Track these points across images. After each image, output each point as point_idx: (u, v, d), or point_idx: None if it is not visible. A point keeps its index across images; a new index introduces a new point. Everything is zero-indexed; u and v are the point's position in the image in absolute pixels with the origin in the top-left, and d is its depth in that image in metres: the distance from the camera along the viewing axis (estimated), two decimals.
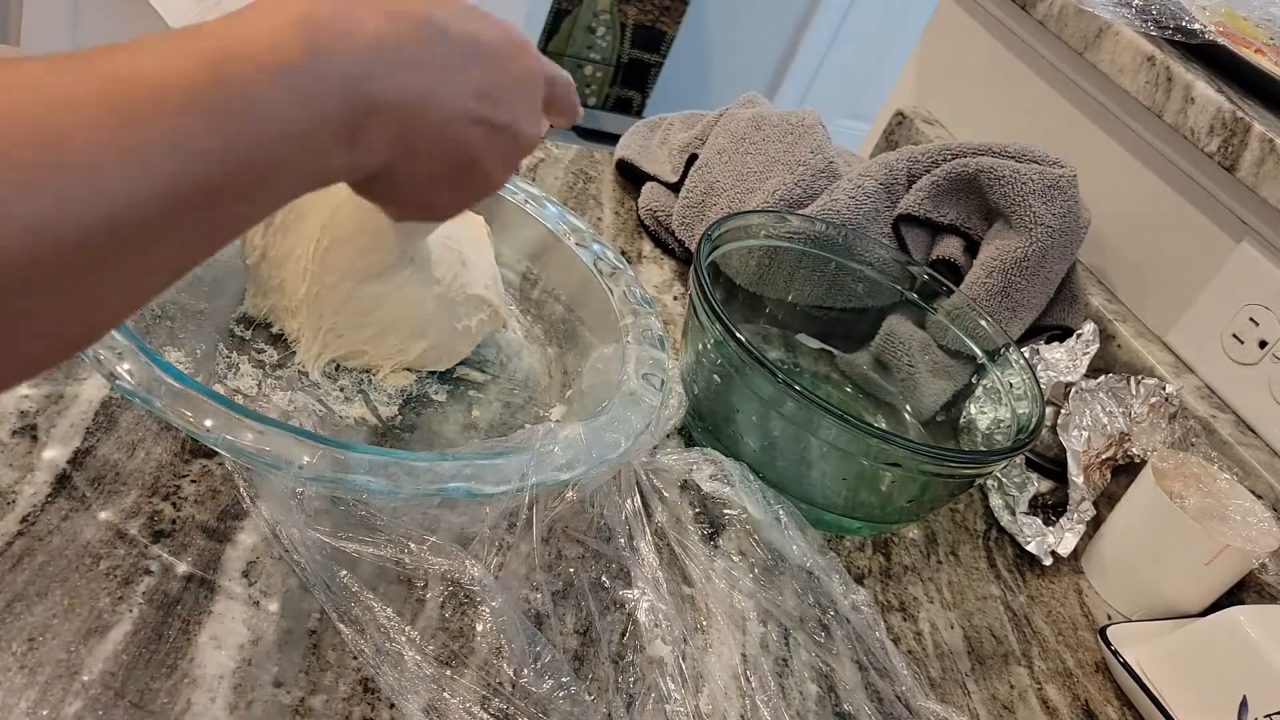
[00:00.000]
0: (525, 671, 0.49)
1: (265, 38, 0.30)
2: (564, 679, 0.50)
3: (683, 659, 0.54)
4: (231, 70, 0.29)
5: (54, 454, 0.51)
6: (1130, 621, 0.71)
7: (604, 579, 0.57)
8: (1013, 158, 0.85)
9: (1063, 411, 0.79)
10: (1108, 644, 0.66)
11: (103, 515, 0.49)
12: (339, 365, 0.62)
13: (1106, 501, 0.79)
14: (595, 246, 0.71)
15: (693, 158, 0.93)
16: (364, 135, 0.34)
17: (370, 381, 0.62)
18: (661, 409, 0.60)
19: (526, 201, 0.72)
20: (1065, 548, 0.75)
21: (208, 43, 0.30)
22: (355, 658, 0.48)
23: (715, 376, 0.66)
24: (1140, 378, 0.82)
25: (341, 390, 0.61)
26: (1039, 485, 0.78)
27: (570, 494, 0.56)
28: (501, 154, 0.41)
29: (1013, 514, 0.76)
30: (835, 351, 0.83)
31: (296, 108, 0.30)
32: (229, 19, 0.31)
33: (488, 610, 0.51)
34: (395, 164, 0.36)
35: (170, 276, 0.31)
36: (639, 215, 0.93)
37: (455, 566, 0.51)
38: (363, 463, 0.48)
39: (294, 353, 0.61)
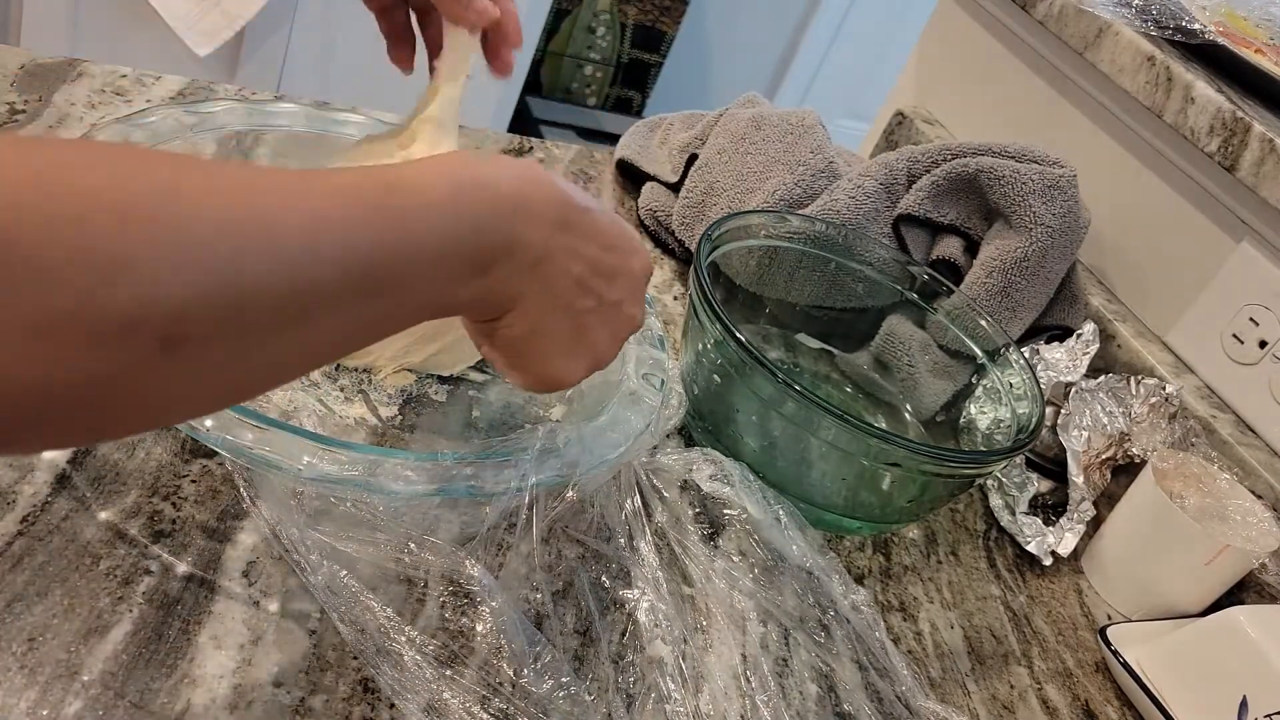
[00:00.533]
0: (525, 671, 0.49)
1: (423, 179, 0.37)
2: (564, 679, 0.50)
3: (683, 659, 0.54)
4: (393, 199, 0.35)
5: (54, 454, 0.51)
6: (1130, 621, 0.71)
7: (604, 579, 0.57)
8: (1013, 158, 0.85)
9: (1063, 411, 0.79)
10: (1108, 644, 0.66)
11: (103, 515, 0.49)
12: (339, 365, 0.62)
13: (1106, 501, 0.79)
14: None
15: (693, 158, 0.93)
16: (493, 271, 0.39)
17: (370, 381, 0.62)
18: (662, 409, 0.60)
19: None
20: (1065, 548, 0.75)
21: (382, 173, 0.36)
22: (355, 658, 0.48)
23: (715, 376, 0.66)
24: (1140, 378, 0.82)
25: (341, 390, 0.61)
26: (1039, 485, 0.78)
27: (570, 494, 0.56)
28: (611, 326, 0.46)
29: (1013, 514, 0.76)
30: (835, 351, 0.83)
31: (436, 233, 0.36)
32: (398, 166, 0.38)
33: (488, 610, 0.51)
34: (517, 310, 0.41)
35: (323, 355, 0.36)
36: (639, 215, 0.93)
37: (455, 566, 0.51)
38: (363, 463, 0.48)
39: None
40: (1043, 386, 0.73)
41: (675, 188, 0.92)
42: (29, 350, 0.26)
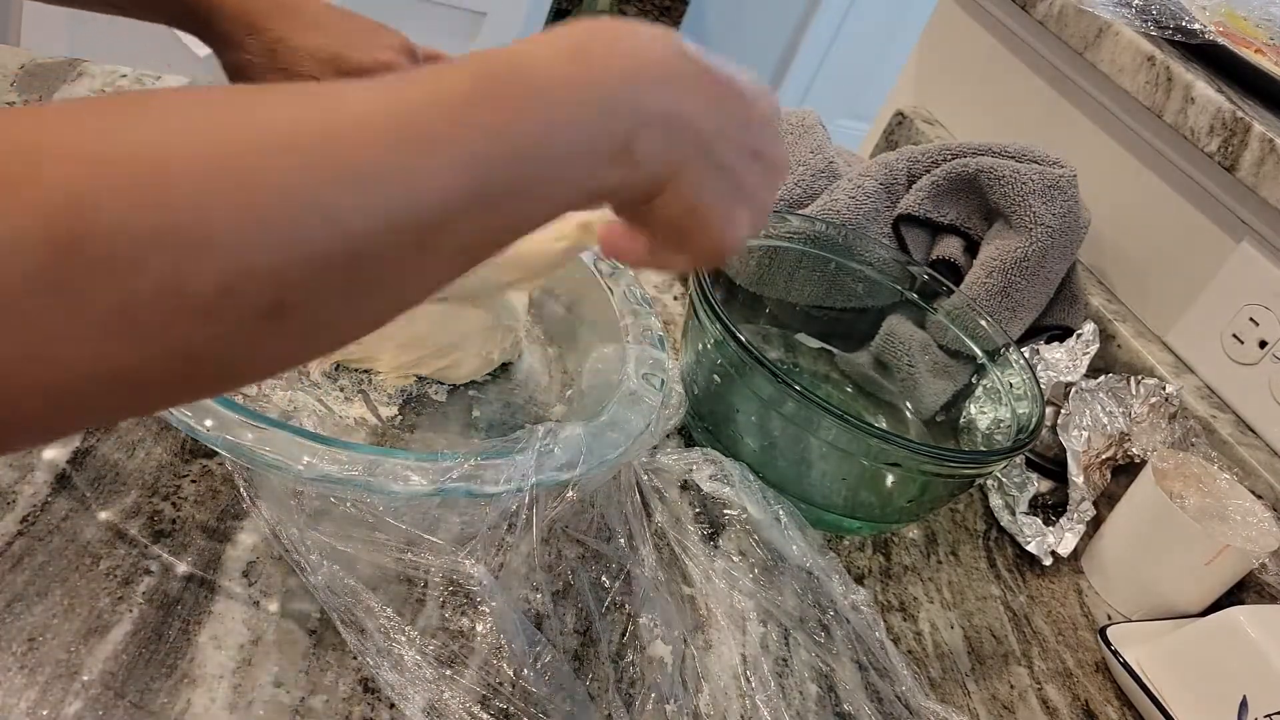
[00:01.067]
0: (525, 671, 0.49)
1: (537, 59, 0.33)
2: (564, 679, 0.50)
3: (682, 659, 0.54)
4: (502, 87, 0.31)
5: (54, 454, 0.51)
6: (1130, 621, 0.71)
7: (604, 579, 0.57)
8: (1013, 158, 0.85)
9: (1063, 411, 0.79)
10: (1108, 644, 0.66)
11: (103, 515, 0.49)
12: (339, 365, 0.62)
13: (1106, 501, 0.79)
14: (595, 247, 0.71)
15: None
16: (636, 148, 0.35)
17: (370, 381, 0.62)
18: (661, 409, 0.60)
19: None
20: (1065, 548, 0.75)
21: (479, 63, 0.32)
22: (355, 658, 0.48)
23: (715, 376, 0.66)
24: (1140, 378, 0.82)
25: (341, 390, 0.61)
26: (1039, 485, 0.78)
27: (570, 494, 0.56)
28: (764, 176, 0.41)
29: (1013, 514, 0.76)
30: (835, 351, 0.83)
31: (563, 118, 0.32)
32: (503, 49, 0.33)
33: (488, 610, 0.51)
34: (670, 187, 0.37)
35: (449, 276, 0.32)
36: None
37: (455, 566, 0.51)
38: (362, 463, 0.48)
39: None
40: (1043, 386, 0.73)
41: None
42: (121, 333, 0.24)
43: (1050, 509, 0.79)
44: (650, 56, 0.35)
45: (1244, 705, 0.61)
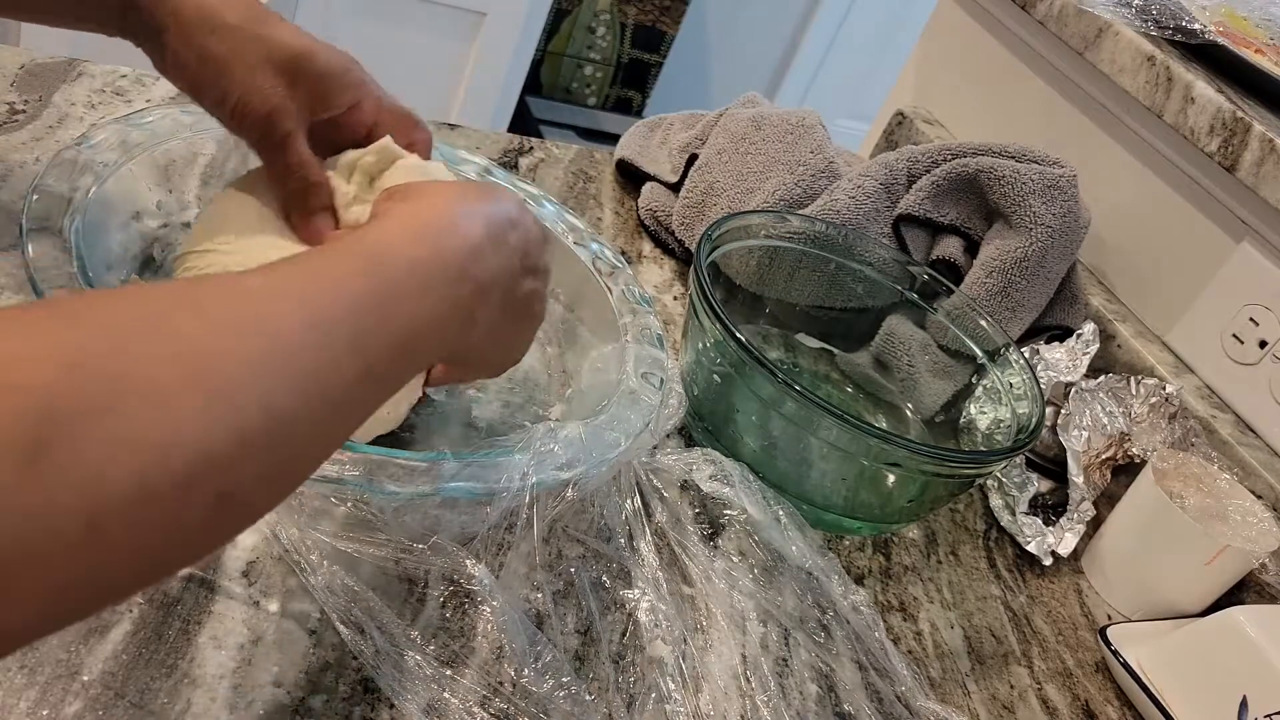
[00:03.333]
0: (526, 671, 0.49)
1: (393, 246, 0.39)
2: (564, 679, 0.50)
3: (683, 659, 0.54)
4: (380, 278, 0.37)
5: None
6: (1130, 621, 0.71)
7: (604, 579, 0.57)
8: (1013, 158, 0.85)
9: (1063, 411, 0.79)
10: (1108, 644, 0.66)
11: None
12: None
13: (1106, 501, 0.79)
14: (593, 245, 0.71)
15: (693, 158, 0.93)
16: (478, 314, 0.42)
17: None
18: (661, 408, 0.60)
19: (525, 201, 0.72)
20: (1065, 548, 0.75)
21: (359, 257, 0.37)
22: (355, 658, 0.48)
23: (715, 376, 0.66)
24: (1140, 378, 0.82)
25: None
26: (1039, 485, 0.78)
27: (570, 493, 0.56)
28: (539, 284, 0.49)
29: (1013, 514, 0.76)
30: (835, 351, 0.83)
31: (426, 299, 0.38)
32: (365, 234, 0.40)
33: (488, 610, 0.51)
34: (490, 328, 0.44)
35: (331, 450, 0.36)
36: (639, 215, 0.93)
37: (456, 566, 0.51)
38: (363, 463, 0.48)
39: None
40: (1043, 386, 0.73)
41: (675, 188, 0.92)
42: (88, 537, 0.26)
43: (1050, 509, 0.79)
44: (470, 234, 0.42)
45: (1244, 705, 0.61)
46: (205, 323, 0.30)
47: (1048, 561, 0.74)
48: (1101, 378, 0.81)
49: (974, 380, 0.77)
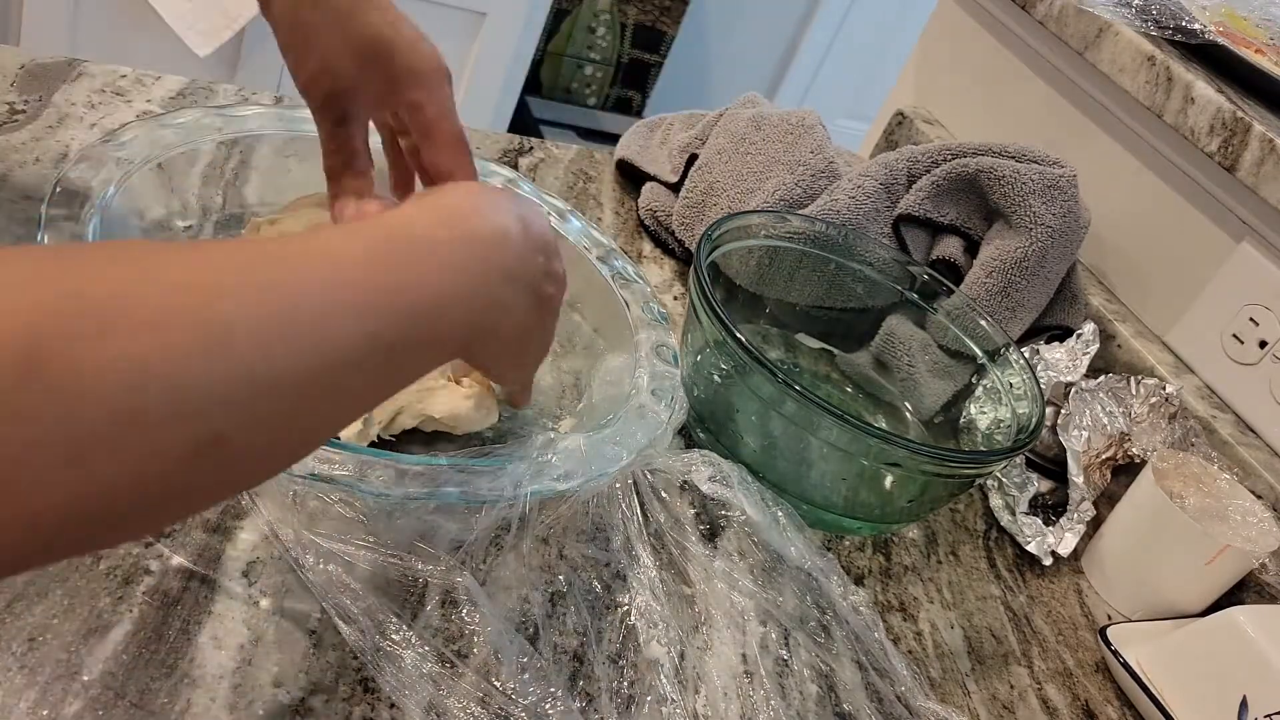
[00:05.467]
0: (524, 672, 0.49)
1: (417, 225, 0.38)
2: (562, 680, 0.50)
3: (681, 660, 0.54)
4: (401, 250, 0.36)
5: None
6: (1130, 621, 0.71)
7: (602, 580, 0.57)
8: (1013, 158, 0.85)
9: (1063, 411, 0.79)
10: (1108, 644, 0.66)
11: None
12: None
13: (1106, 501, 0.79)
14: (617, 262, 0.71)
15: (693, 158, 0.93)
16: (501, 299, 0.41)
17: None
18: (669, 424, 0.60)
19: (548, 214, 0.72)
20: (1065, 548, 0.75)
21: (383, 229, 0.37)
22: (355, 658, 0.48)
23: (715, 376, 0.66)
24: (1140, 378, 0.82)
25: None
26: (1039, 485, 0.78)
27: (565, 507, 0.56)
28: (556, 289, 0.48)
29: (1013, 514, 0.76)
30: (835, 351, 0.83)
31: (451, 276, 0.38)
32: (391, 216, 0.39)
33: (484, 612, 0.51)
34: (513, 322, 0.43)
35: (356, 413, 0.37)
36: (639, 215, 0.93)
37: (447, 574, 0.51)
38: (353, 462, 0.48)
39: None
40: (1043, 386, 0.73)
41: (675, 188, 0.92)
42: (77, 461, 0.25)
43: (1050, 509, 0.79)
44: (500, 222, 0.42)
45: (1244, 705, 0.61)
46: (209, 269, 0.30)
47: (1048, 561, 0.74)
48: (1101, 378, 0.81)
49: (974, 380, 0.77)
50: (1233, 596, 0.73)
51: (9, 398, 0.24)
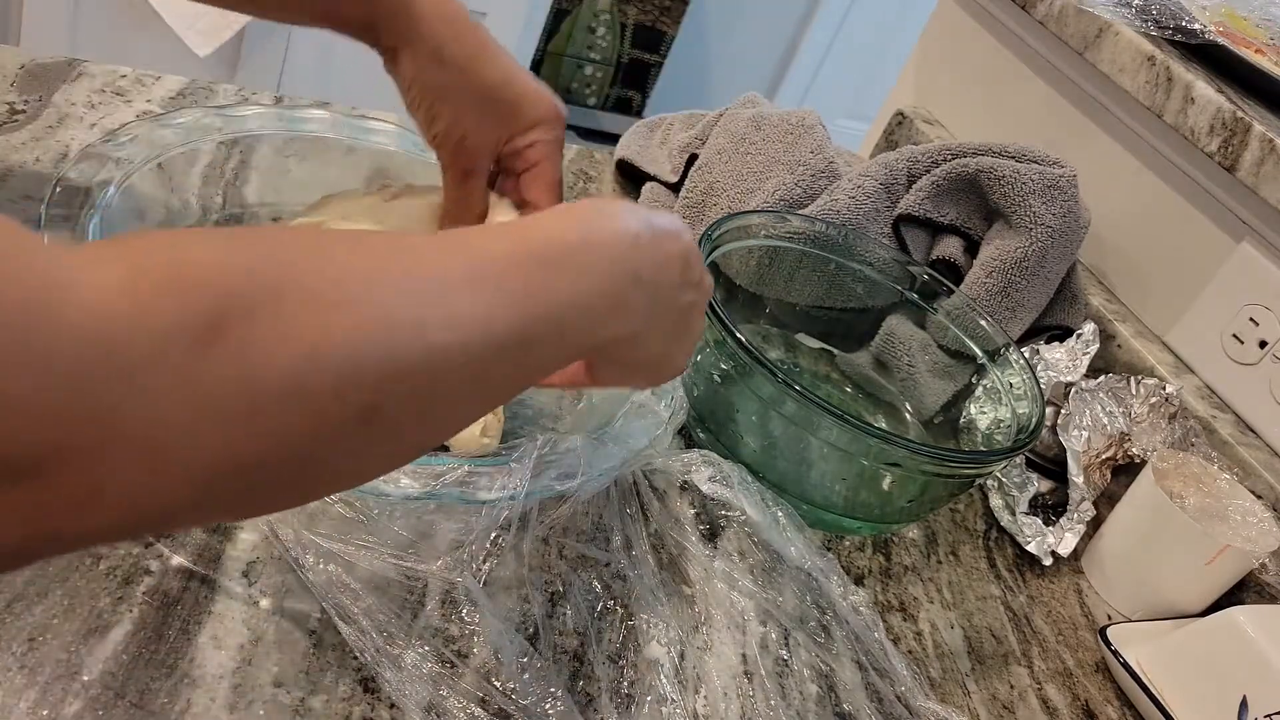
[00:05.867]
0: (524, 672, 0.49)
1: (553, 229, 0.39)
2: (562, 681, 0.50)
3: (681, 660, 0.54)
4: (537, 250, 0.38)
5: None
6: (1130, 621, 0.71)
7: (602, 580, 0.57)
8: (1013, 158, 0.85)
9: (1063, 411, 0.79)
10: (1108, 644, 0.66)
11: None
12: None
13: (1106, 501, 0.79)
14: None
15: (693, 158, 0.93)
16: (631, 302, 0.42)
17: None
18: (669, 425, 0.60)
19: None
20: (1065, 548, 0.75)
21: (518, 232, 0.39)
22: (355, 658, 0.48)
23: (715, 377, 0.66)
24: (1140, 378, 0.82)
25: None
26: (1039, 485, 0.78)
27: (565, 507, 0.56)
28: (697, 297, 0.48)
29: (1013, 514, 0.76)
30: (835, 351, 0.83)
31: (583, 277, 0.39)
32: (526, 222, 0.40)
33: (484, 612, 0.51)
34: (646, 329, 0.44)
35: (491, 403, 0.39)
36: None
37: (446, 575, 0.51)
38: None
39: None
40: (1043, 386, 0.73)
41: (675, 188, 0.92)
42: (246, 421, 0.28)
43: (1050, 509, 0.79)
44: (630, 226, 0.42)
45: (1244, 705, 0.61)
46: (366, 256, 0.33)
47: (1048, 561, 0.74)
48: (1101, 378, 0.81)
49: (974, 380, 0.77)
50: (1233, 596, 0.73)
51: (190, 357, 0.26)
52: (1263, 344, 0.83)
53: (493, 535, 0.53)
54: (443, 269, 0.34)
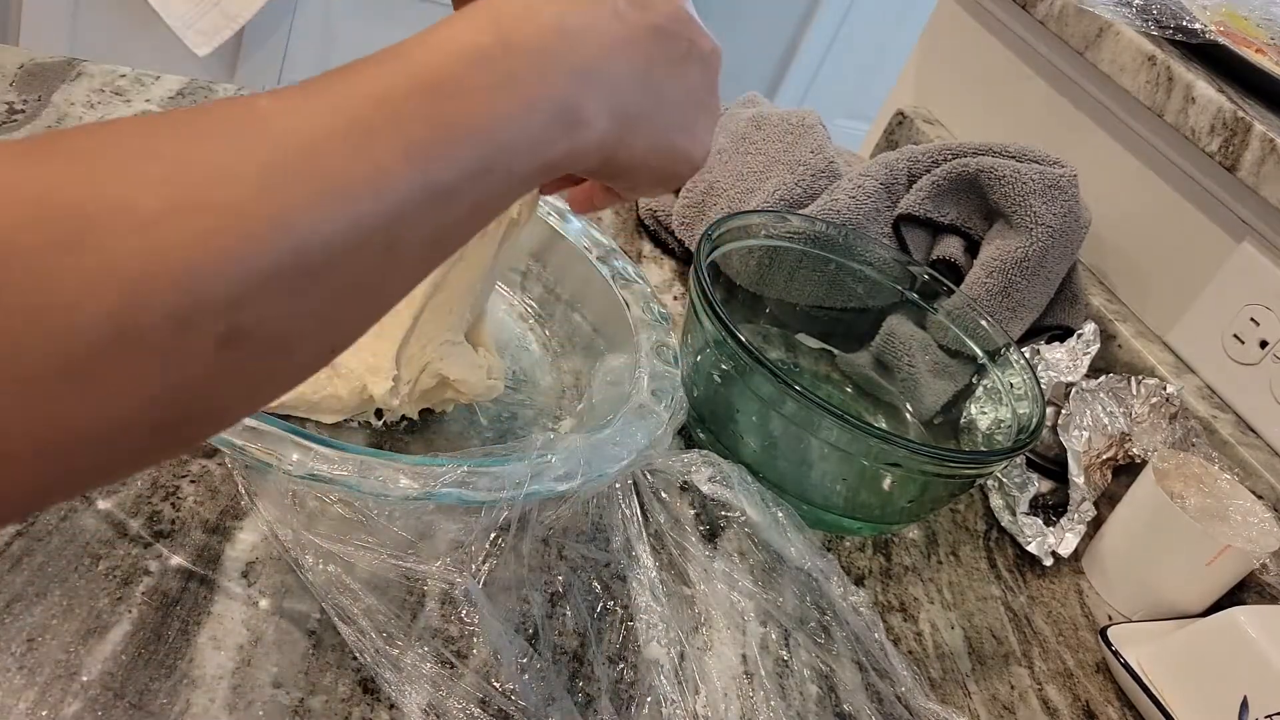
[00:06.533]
0: (523, 673, 0.49)
1: (459, 39, 0.32)
2: (561, 681, 0.49)
3: (680, 660, 0.54)
4: (430, 76, 0.30)
5: None
6: (1131, 622, 0.71)
7: (602, 580, 0.57)
8: (1013, 158, 0.85)
9: (1063, 411, 0.79)
10: (1108, 644, 0.66)
11: (102, 515, 0.49)
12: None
13: (1107, 502, 0.79)
14: (617, 263, 0.71)
15: None
16: (584, 107, 0.34)
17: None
18: (670, 424, 0.60)
19: (550, 214, 0.72)
20: (1066, 548, 0.75)
21: (408, 57, 0.31)
22: (355, 658, 0.48)
23: (715, 377, 0.66)
24: (1141, 378, 0.82)
25: None
26: (1039, 485, 0.78)
27: (564, 508, 0.56)
28: (701, 71, 0.41)
29: (1013, 514, 0.76)
30: (835, 351, 0.83)
31: (499, 91, 0.31)
32: (423, 34, 0.32)
33: (484, 612, 0.51)
34: (624, 132, 0.37)
35: (422, 272, 0.32)
36: (639, 215, 0.93)
37: (445, 576, 0.51)
38: (352, 463, 0.47)
39: None
40: (1043, 386, 0.73)
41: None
42: (68, 388, 0.23)
43: (1051, 509, 0.79)
44: (571, 17, 0.34)
45: (1244, 705, 0.61)
46: (198, 141, 0.26)
47: (1048, 562, 0.74)
48: (1102, 378, 0.81)
49: (974, 380, 0.77)
50: (1233, 597, 0.73)
51: None
52: (1263, 344, 0.83)
53: (492, 536, 0.53)
54: (305, 131, 0.27)
